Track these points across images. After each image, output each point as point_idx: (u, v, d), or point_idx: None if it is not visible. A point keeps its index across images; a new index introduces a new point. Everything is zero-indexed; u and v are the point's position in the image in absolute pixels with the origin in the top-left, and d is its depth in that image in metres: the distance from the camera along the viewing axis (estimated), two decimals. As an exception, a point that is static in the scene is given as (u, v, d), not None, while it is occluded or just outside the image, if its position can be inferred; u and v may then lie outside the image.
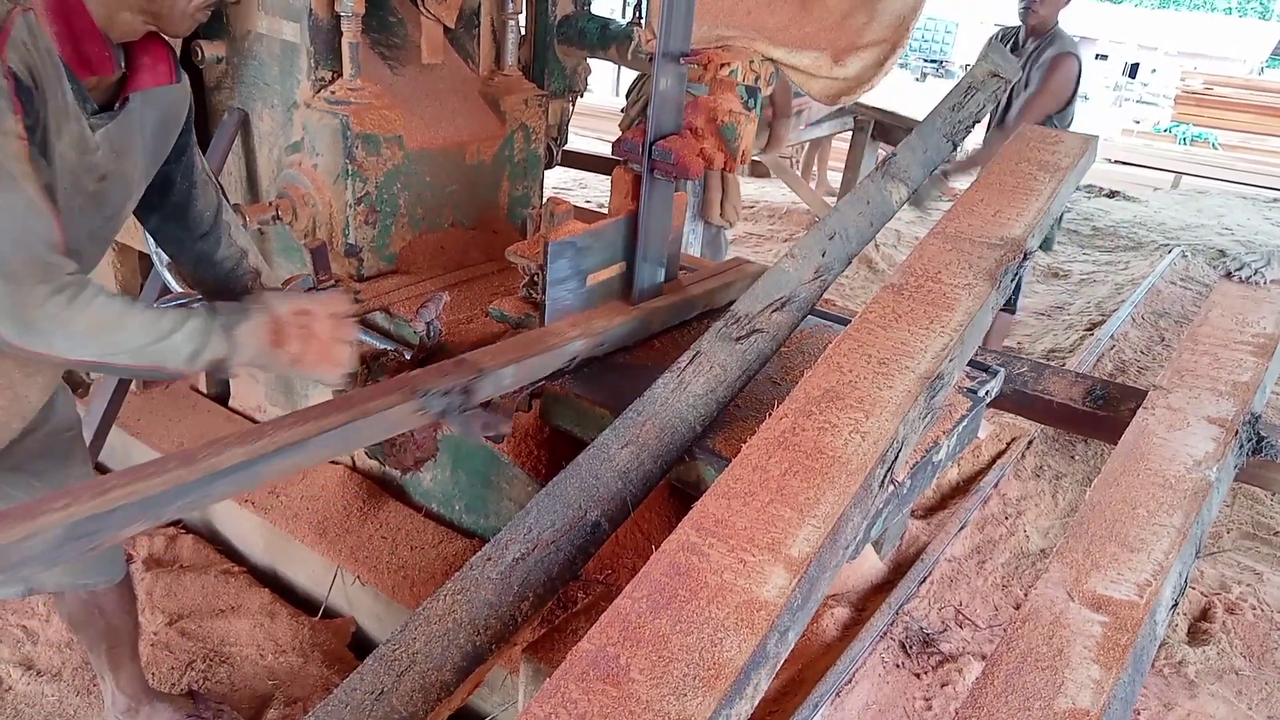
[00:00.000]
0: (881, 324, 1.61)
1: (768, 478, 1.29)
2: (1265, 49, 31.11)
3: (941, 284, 1.69)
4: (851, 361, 1.52)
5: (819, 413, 1.41)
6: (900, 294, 1.68)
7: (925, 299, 1.66)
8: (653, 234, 2.05)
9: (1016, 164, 2.07)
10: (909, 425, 1.43)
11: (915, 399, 1.44)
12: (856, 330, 1.60)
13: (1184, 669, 2.50)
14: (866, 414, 1.40)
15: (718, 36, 2.04)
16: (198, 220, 1.68)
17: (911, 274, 1.73)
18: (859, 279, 5.73)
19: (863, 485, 1.29)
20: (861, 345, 1.56)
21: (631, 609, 1.11)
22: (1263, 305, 2.44)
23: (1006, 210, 1.89)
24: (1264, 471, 2.03)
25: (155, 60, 1.44)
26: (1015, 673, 1.24)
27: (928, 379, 1.47)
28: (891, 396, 1.44)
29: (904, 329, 1.59)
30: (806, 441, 1.35)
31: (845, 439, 1.36)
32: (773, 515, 1.22)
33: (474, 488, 2.44)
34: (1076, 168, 2.07)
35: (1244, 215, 8.78)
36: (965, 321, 1.60)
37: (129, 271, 3.01)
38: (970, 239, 1.82)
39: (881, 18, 2.03)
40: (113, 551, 1.93)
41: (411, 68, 2.58)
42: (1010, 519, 3.15)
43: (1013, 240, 1.80)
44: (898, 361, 1.51)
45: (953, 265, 1.74)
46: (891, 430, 1.38)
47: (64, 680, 2.31)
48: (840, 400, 1.43)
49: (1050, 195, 1.95)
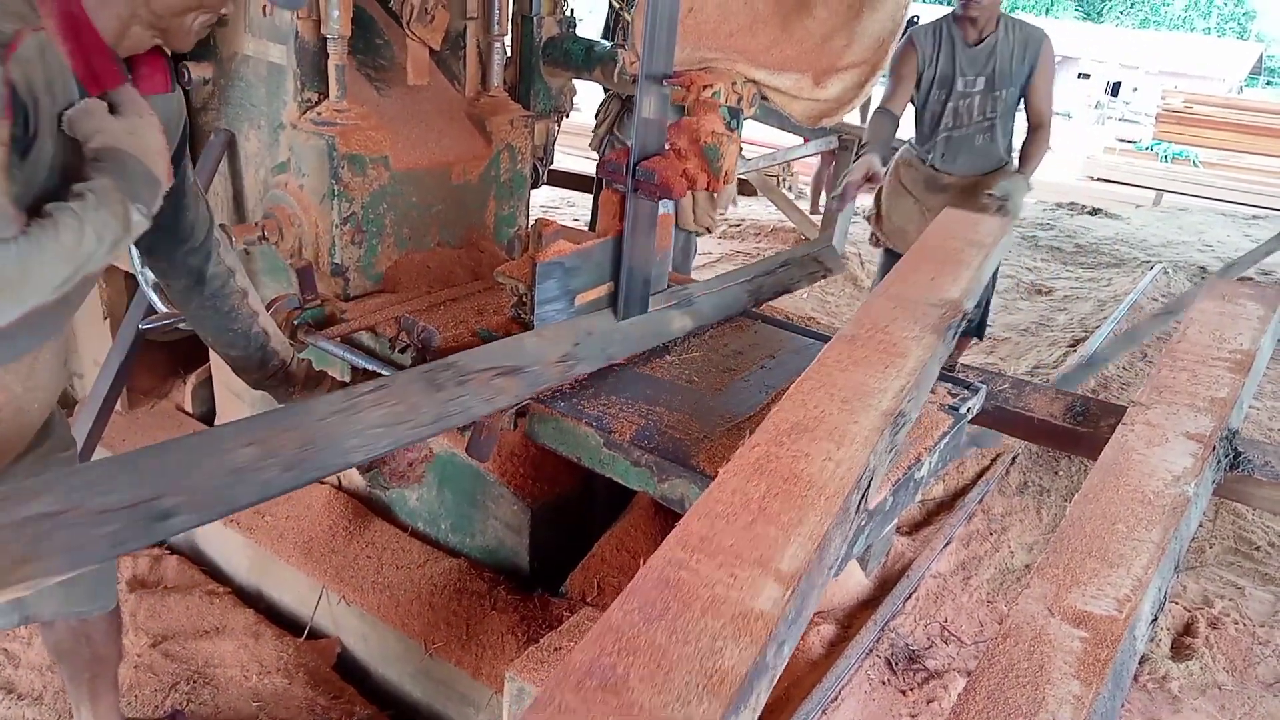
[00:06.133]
0: (840, 367, 1.66)
1: (749, 500, 1.30)
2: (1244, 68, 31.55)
3: (891, 335, 1.77)
4: (816, 399, 1.56)
5: (790, 443, 1.43)
6: (854, 343, 1.75)
7: (878, 347, 1.73)
8: (638, 253, 2.07)
9: (945, 240, 2.23)
10: (878, 456, 1.47)
11: (881, 433, 1.47)
12: (816, 372, 1.65)
13: (1168, 684, 2.51)
14: (837, 444, 1.43)
15: (700, 59, 2.06)
16: (189, 233, 1.69)
17: (862, 326, 1.82)
18: (844, 296, 5.77)
19: (842, 508, 1.30)
20: (823, 385, 1.60)
21: (624, 620, 1.10)
22: (1240, 322, 2.48)
23: (941, 277, 2.02)
24: (1242, 486, 2.05)
25: (153, 70, 1.47)
26: (996, 689, 1.25)
27: (890, 415, 1.51)
28: (859, 430, 1.47)
29: (862, 372, 1.65)
30: (783, 468, 1.37)
31: (819, 466, 1.38)
32: (758, 534, 1.23)
33: (460, 506, 2.44)
34: (999, 244, 2.24)
35: (1224, 232, 8.88)
36: (918, 367, 1.66)
37: (115, 292, 3.01)
38: (912, 300, 1.92)
39: (861, 40, 2.06)
40: (108, 578, 1.92)
41: (397, 89, 2.60)
42: (995, 535, 3.16)
43: (952, 301, 1.91)
44: (860, 400, 1.56)
45: (900, 320, 1.83)
46: (863, 459, 1.40)
47: (45, 704, 2.29)
48: (810, 432, 1.47)
49: (979, 266, 2.09)
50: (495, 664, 2.13)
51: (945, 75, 3.30)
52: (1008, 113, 3.36)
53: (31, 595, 1.75)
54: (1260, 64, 35.07)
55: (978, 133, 3.36)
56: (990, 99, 3.31)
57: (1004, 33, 3.25)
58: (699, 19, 2.14)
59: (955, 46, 3.28)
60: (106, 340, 2.89)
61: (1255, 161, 11.99)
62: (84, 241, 1.23)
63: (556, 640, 1.86)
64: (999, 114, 3.33)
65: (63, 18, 1.29)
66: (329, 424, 1.47)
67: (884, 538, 2.93)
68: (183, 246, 1.69)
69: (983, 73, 3.28)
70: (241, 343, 1.85)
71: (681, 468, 1.76)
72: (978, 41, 3.26)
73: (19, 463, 1.60)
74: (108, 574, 1.91)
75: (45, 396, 1.59)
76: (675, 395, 2.02)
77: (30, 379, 1.52)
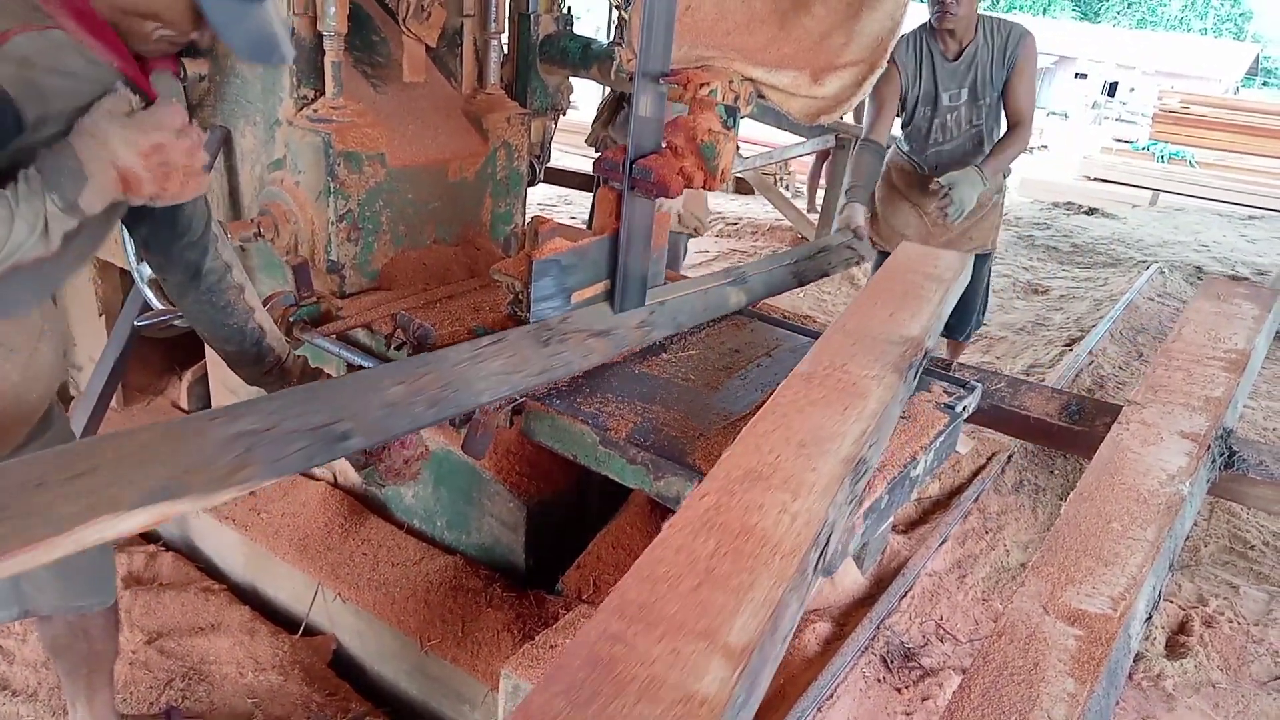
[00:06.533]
0: (797, 408, 1.58)
1: (695, 559, 1.17)
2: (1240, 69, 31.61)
3: (851, 374, 1.70)
4: (771, 443, 1.46)
5: (743, 492, 1.33)
6: (810, 382, 1.67)
7: (837, 387, 1.65)
8: (634, 251, 2.07)
9: (905, 274, 2.17)
10: (837, 508, 1.37)
11: (840, 482, 1.38)
12: (772, 413, 1.56)
13: (1162, 682, 2.52)
14: (793, 495, 1.33)
15: (697, 57, 2.06)
16: (186, 227, 1.69)
17: (819, 364, 1.73)
18: (841, 294, 5.77)
19: (798, 569, 1.18)
20: (779, 427, 1.51)
21: (545, 709, 0.94)
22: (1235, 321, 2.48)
23: (900, 313, 1.96)
24: (1236, 485, 2.06)
25: None
26: (991, 687, 1.25)
27: (851, 462, 1.43)
28: (817, 479, 1.38)
29: (820, 414, 1.56)
30: (733, 521, 1.26)
31: (775, 520, 1.27)
32: (705, 600, 1.10)
33: (456, 504, 2.43)
34: (958, 280, 2.20)
35: (1220, 232, 8.90)
36: (879, 410, 1.59)
37: (110, 288, 3.00)
38: (871, 336, 1.85)
39: (860, 38, 2.06)
40: (106, 573, 1.92)
41: (394, 86, 2.60)
42: (990, 533, 3.17)
43: (912, 338, 1.85)
44: (819, 445, 1.46)
45: (859, 358, 1.76)
46: (821, 512, 1.30)
47: (40, 700, 2.28)
48: (764, 480, 1.36)
49: (938, 302, 2.04)
50: (491, 661, 2.13)
51: (928, 92, 3.28)
52: (994, 116, 3.35)
53: (30, 589, 1.77)
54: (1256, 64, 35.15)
55: (966, 141, 3.35)
56: (975, 108, 3.30)
57: (983, 39, 3.20)
58: (696, 17, 2.14)
59: (935, 61, 3.25)
60: (102, 337, 2.88)
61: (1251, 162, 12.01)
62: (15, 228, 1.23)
63: (552, 638, 1.86)
64: (984, 120, 3.32)
65: (78, 16, 1.31)
66: (461, 369, 1.68)
67: (880, 536, 2.93)
68: (180, 240, 1.69)
69: (964, 84, 3.25)
70: (237, 338, 1.85)
71: (677, 465, 1.76)
72: (958, 54, 3.23)
73: (19, 455, 1.60)
74: (106, 569, 1.91)
75: (44, 386, 1.60)
76: (671, 393, 2.02)
77: (29, 367, 1.53)
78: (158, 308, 2.24)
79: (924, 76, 3.27)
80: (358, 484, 2.65)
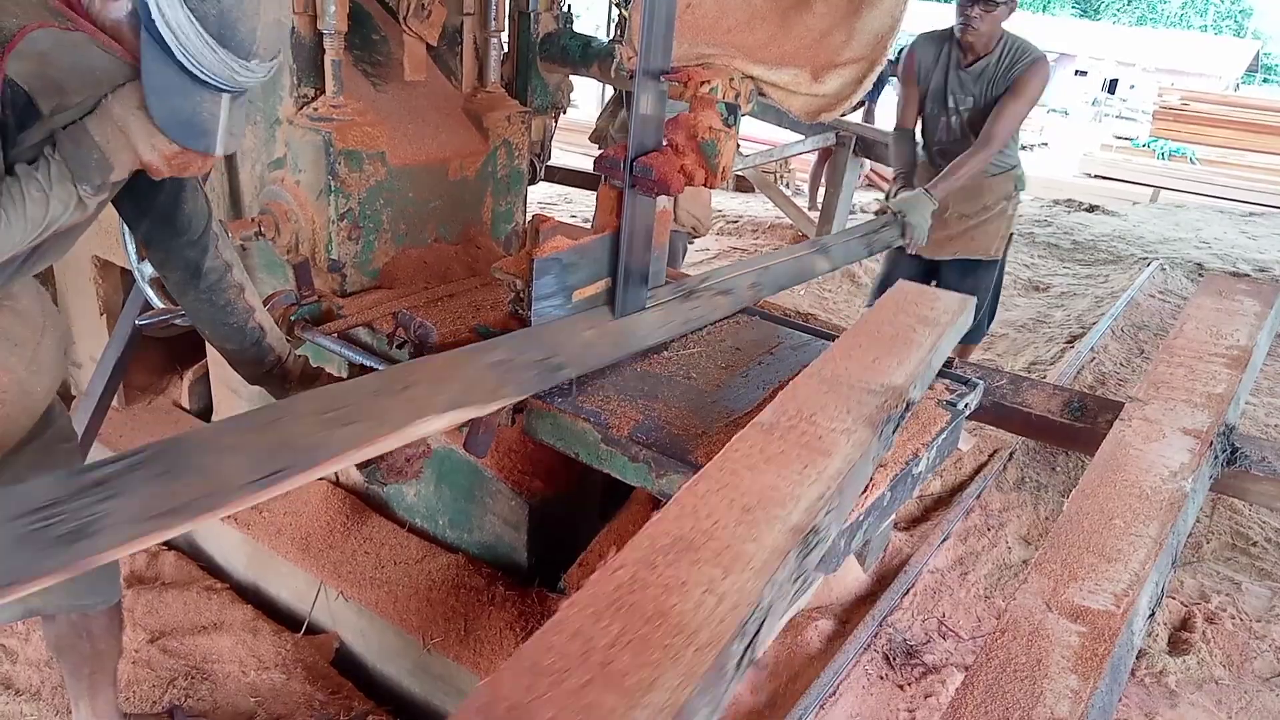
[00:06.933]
0: (748, 465, 1.40)
1: (590, 649, 0.99)
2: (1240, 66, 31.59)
3: (817, 426, 1.52)
4: (710, 506, 1.29)
5: (666, 566, 1.14)
6: (770, 434, 1.48)
7: (799, 441, 1.47)
8: (635, 249, 2.07)
9: (895, 315, 2.00)
10: (776, 588, 1.18)
11: (785, 556, 1.20)
12: (718, 469, 1.38)
13: (1164, 678, 2.52)
14: (725, 571, 1.14)
15: (698, 54, 2.06)
16: (186, 225, 1.69)
17: (784, 414, 1.56)
18: (841, 293, 5.77)
19: (714, 665, 0.99)
20: (723, 487, 1.33)
21: None
22: (1236, 318, 2.48)
23: (886, 359, 1.79)
24: (1238, 482, 2.05)
25: None
26: (994, 683, 1.25)
27: (800, 532, 1.25)
28: (756, 551, 1.19)
29: (774, 473, 1.38)
30: (646, 602, 1.07)
31: (696, 601, 1.08)
32: (590, 703, 0.91)
33: (458, 502, 2.43)
34: (955, 325, 2.03)
35: (1221, 229, 8.90)
36: (844, 470, 1.41)
37: (110, 287, 3.00)
38: (849, 384, 1.68)
39: (860, 36, 2.05)
40: (110, 573, 1.92)
41: (394, 85, 2.60)
42: (992, 530, 3.17)
43: (894, 388, 1.67)
44: (765, 510, 1.28)
45: (829, 408, 1.58)
46: (754, 593, 1.11)
47: (43, 700, 2.28)
48: (694, 551, 1.18)
49: (930, 348, 1.87)
50: (493, 659, 2.13)
51: (939, 92, 3.44)
52: None
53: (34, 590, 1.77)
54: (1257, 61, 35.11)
55: (966, 146, 3.38)
56: (978, 116, 3.40)
57: (998, 55, 3.33)
58: (697, 15, 2.14)
59: (950, 66, 3.41)
60: (103, 336, 2.88)
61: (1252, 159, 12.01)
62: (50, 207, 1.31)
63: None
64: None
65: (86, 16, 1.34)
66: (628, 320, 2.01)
67: (882, 533, 2.93)
68: (180, 239, 1.69)
69: (971, 93, 3.39)
70: (238, 337, 1.85)
71: (679, 463, 1.76)
72: (972, 63, 3.37)
73: (22, 452, 1.62)
74: (110, 568, 1.92)
75: (48, 381, 1.62)
76: (673, 391, 2.02)
77: (34, 361, 1.55)
78: (159, 306, 2.24)
79: (936, 76, 3.44)
80: (360, 483, 2.65)
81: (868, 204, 8.43)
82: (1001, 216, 3.59)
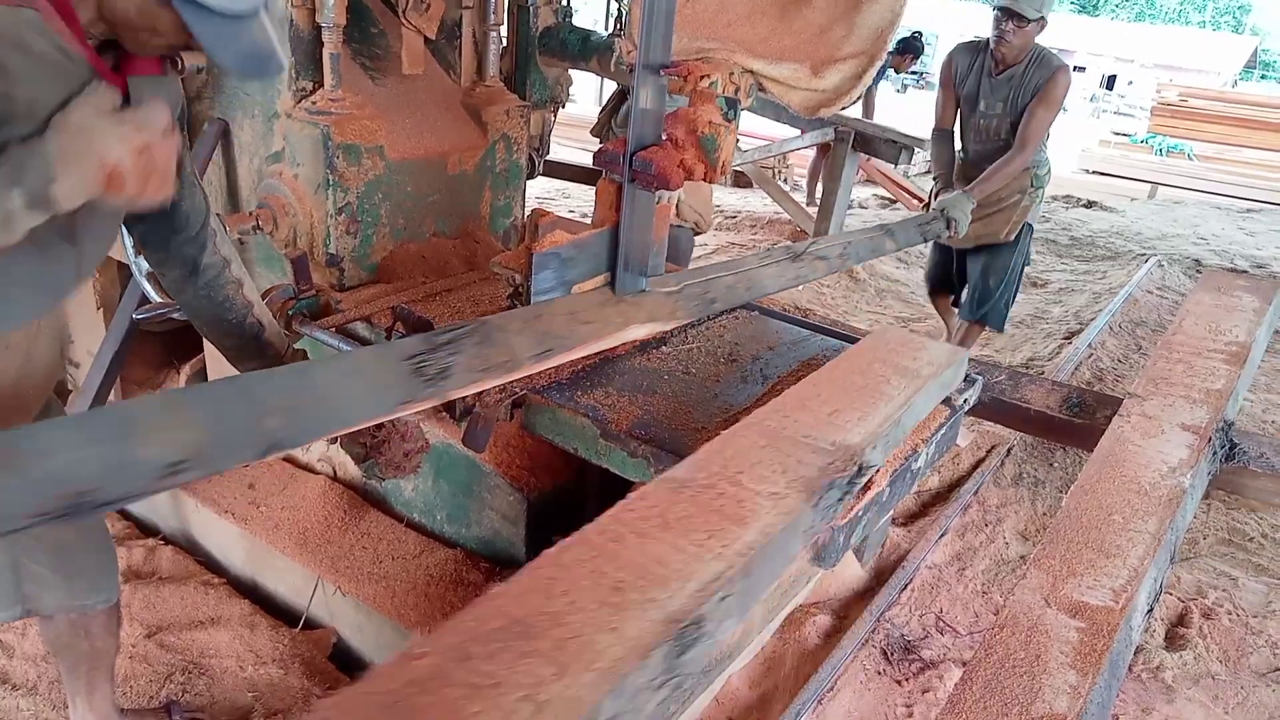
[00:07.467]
0: (639, 530, 1.15)
1: None
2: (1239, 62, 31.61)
3: (740, 487, 1.27)
4: (571, 579, 1.04)
5: (483, 658, 0.88)
6: (680, 493, 1.24)
7: (711, 504, 1.22)
8: (634, 244, 2.06)
9: (870, 363, 1.80)
10: (626, 698, 0.90)
11: (649, 653, 0.93)
12: (598, 533, 1.16)
13: (1161, 674, 2.53)
14: (559, 670, 0.88)
15: (698, 49, 2.05)
16: (185, 222, 1.68)
17: (702, 469, 1.31)
18: (839, 289, 5.77)
19: None
20: (596, 556, 1.09)
21: None
22: (1235, 314, 2.48)
23: (846, 412, 1.57)
24: (1237, 478, 2.06)
25: None
26: (994, 678, 1.26)
27: (676, 623, 0.98)
28: (610, 645, 0.93)
29: (668, 542, 1.12)
30: (437, 709, 0.82)
31: (506, 712, 0.83)
32: None
33: (456, 497, 2.43)
34: (939, 379, 1.81)
35: (1218, 225, 8.90)
36: (759, 544, 1.15)
37: (108, 281, 2.99)
38: (794, 438, 1.44)
39: (860, 31, 2.05)
40: (110, 570, 1.91)
41: (393, 78, 2.59)
42: (990, 526, 3.17)
43: (846, 448, 1.44)
44: (642, 590, 1.02)
45: (762, 466, 1.34)
46: (590, 703, 0.86)
47: (40, 695, 2.28)
48: (529, 640, 0.92)
49: (902, 405, 1.64)
50: (491, 654, 2.13)
51: (971, 96, 3.82)
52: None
53: (34, 589, 1.76)
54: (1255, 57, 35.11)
55: (995, 149, 3.77)
56: (1005, 123, 3.76)
57: (1025, 66, 3.68)
58: (697, 9, 2.13)
59: (983, 73, 3.78)
60: (100, 330, 2.87)
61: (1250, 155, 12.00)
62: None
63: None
64: (1011, 134, 3.75)
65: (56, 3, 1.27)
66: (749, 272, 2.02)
67: (880, 529, 2.93)
68: (178, 236, 1.69)
69: (1000, 98, 3.74)
70: (236, 333, 1.85)
71: (678, 458, 1.75)
72: (1002, 72, 3.72)
73: None
74: (109, 567, 1.91)
75: (41, 381, 1.60)
76: (672, 386, 2.02)
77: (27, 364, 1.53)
78: (156, 301, 2.23)
79: (969, 82, 3.82)
80: (357, 477, 2.65)
81: (866, 199, 8.43)
82: (1015, 208, 3.88)
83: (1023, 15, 3.56)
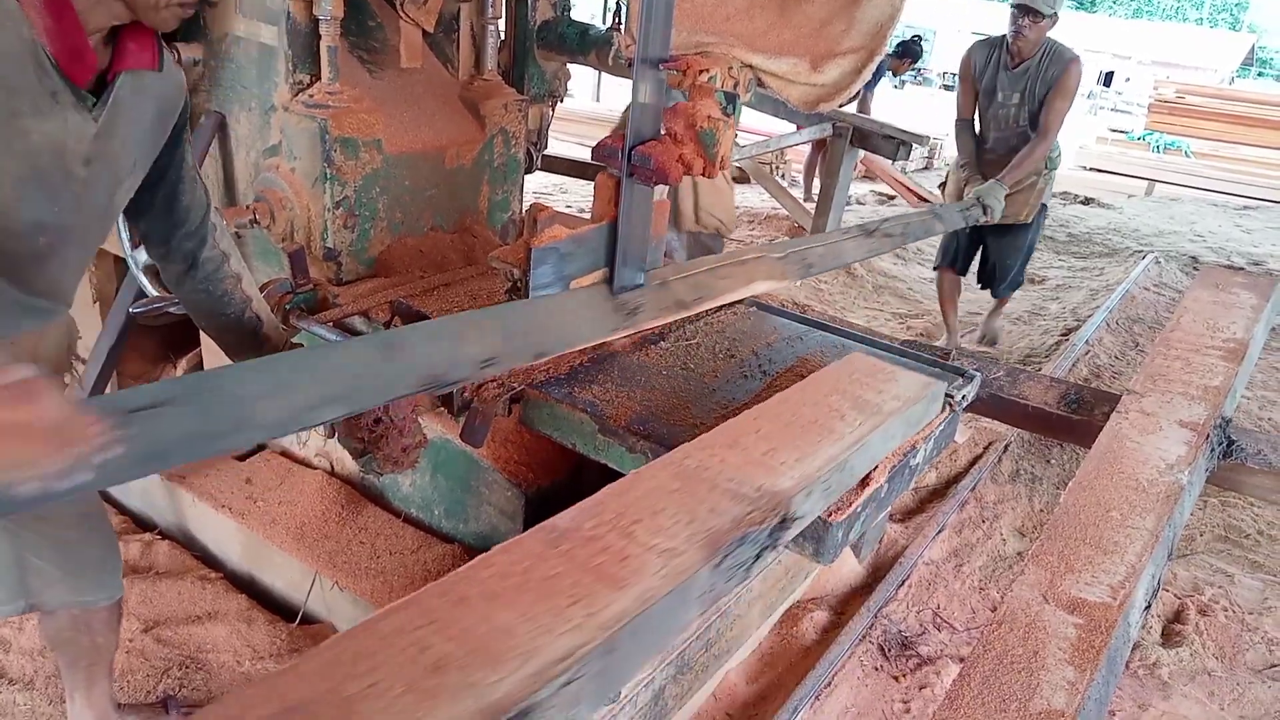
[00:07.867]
0: (489, 591, 0.95)
1: None
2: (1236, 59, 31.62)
3: (631, 540, 1.06)
4: (382, 655, 0.85)
5: None
6: (555, 545, 1.04)
7: (589, 562, 1.01)
8: (632, 239, 2.06)
9: (826, 394, 1.57)
10: None
11: None
12: (438, 594, 0.95)
13: (1158, 670, 2.53)
14: None
15: (697, 43, 2.05)
16: (184, 216, 1.67)
17: (592, 516, 1.10)
18: (836, 285, 5.76)
19: None
20: (425, 625, 0.90)
21: None
22: (1233, 311, 2.49)
23: (784, 451, 1.33)
24: (1235, 474, 2.06)
25: (140, 47, 1.43)
26: (991, 675, 1.26)
27: (495, 716, 0.78)
28: None
29: (520, 609, 0.92)
30: None
31: None
32: None
33: (453, 492, 2.43)
34: (904, 415, 1.58)
35: (1215, 222, 8.91)
36: (631, 613, 0.94)
37: (104, 276, 2.98)
38: (713, 481, 1.22)
39: (859, 25, 2.04)
40: (113, 567, 1.90)
41: (390, 72, 2.58)
42: (987, 522, 3.17)
43: (772, 495, 1.21)
44: (464, 670, 0.83)
45: (665, 514, 1.12)
46: None
47: (36, 689, 2.28)
48: None
49: (853, 444, 1.41)
50: (489, 650, 2.13)
51: (989, 89, 4.13)
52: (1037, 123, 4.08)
53: (38, 584, 1.76)
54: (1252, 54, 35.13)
55: (1012, 137, 4.11)
56: (1023, 112, 4.07)
57: (1040, 58, 3.98)
58: (696, 3, 2.13)
59: (1000, 66, 4.08)
60: (96, 324, 2.86)
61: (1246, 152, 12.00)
62: None
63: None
64: (1028, 124, 4.09)
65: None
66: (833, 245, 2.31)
67: (877, 525, 2.93)
68: (178, 230, 1.68)
69: (1017, 90, 4.04)
70: (234, 327, 1.84)
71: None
72: (1017, 65, 4.02)
73: None
74: (114, 563, 1.90)
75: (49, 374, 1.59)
76: (671, 382, 2.02)
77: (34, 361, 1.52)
78: (153, 294, 2.22)
79: (987, 75, 4.11)
80: (355, 472, 2.65)
81: (863, 195, 8.42)
82: (1032, 190, 4.22)
83: (1038, 11, 3.82)
